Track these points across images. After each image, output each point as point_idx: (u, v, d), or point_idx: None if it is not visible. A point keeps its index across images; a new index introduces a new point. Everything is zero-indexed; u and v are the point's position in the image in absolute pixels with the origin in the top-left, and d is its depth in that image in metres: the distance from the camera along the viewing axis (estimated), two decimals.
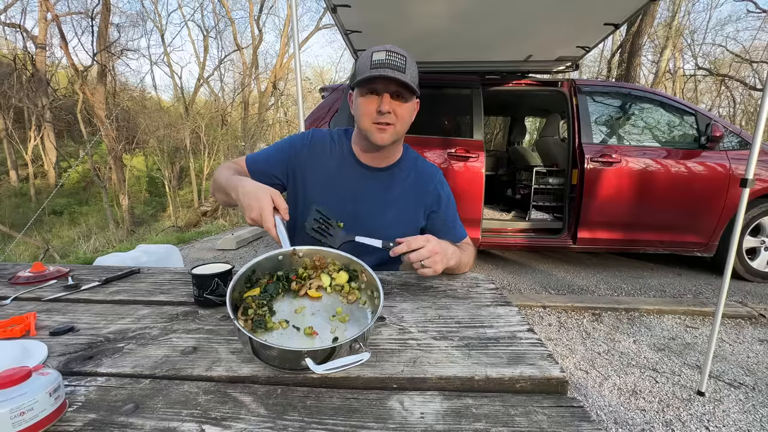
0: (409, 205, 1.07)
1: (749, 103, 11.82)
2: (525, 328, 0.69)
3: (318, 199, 1.06)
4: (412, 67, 0.94)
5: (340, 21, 2.58)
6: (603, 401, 1.63)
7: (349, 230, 0.89)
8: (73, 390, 0.52)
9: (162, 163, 12.05)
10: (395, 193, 1.07)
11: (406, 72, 0.91)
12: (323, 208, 0.88)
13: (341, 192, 1.05)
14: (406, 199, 1.07)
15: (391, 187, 1.07)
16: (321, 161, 1.07)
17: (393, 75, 0.89)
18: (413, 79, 0.94)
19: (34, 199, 12.05)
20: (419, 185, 1.08)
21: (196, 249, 4.51)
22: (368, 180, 1.06)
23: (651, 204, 2.95)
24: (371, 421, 0.46)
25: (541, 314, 2.48)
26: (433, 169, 1.13)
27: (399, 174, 1.08)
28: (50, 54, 12.15)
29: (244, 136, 13.46)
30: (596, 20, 2.55)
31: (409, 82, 0.91)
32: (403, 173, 1.08)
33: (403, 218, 1.07)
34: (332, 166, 1.06)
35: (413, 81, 0.93)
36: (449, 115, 3.41)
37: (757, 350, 2.04)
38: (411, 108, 0.99)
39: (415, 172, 1.09)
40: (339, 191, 1.05)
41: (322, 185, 1.06)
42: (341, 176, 1.06)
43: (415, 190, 1.08)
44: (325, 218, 0.87)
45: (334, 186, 1.05)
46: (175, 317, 0.74)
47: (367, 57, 0.93)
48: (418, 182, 1.08)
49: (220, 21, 15.68)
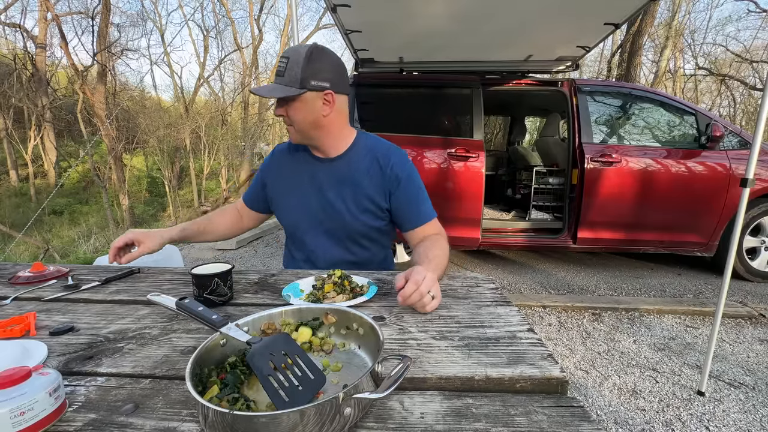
0: (368, 188, 1.09)
1: (749, 103, 11.83)
2: (525, 328, 0.69)
3: (289, 201, 1.14)
4: (293, 65, 0.94)
5: (340, 21, 2.58)
6: (603, 401, 1.63)
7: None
8: (73, 390, 0.52)
9: (162, 163, 12.06)
10: (352, 178, 1.09)
11: (285, 75, 0.95)
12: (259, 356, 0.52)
13: (306, 187, 1.11)
14: (364, 182, 1.09)
15: (347, 172, 1.09)
16: (284, 170, 1.16)
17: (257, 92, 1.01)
18: (291, 78, 0.94)
19: (34, 199, 12.05)
20: (375, 167, 1.09)
21: (196, 249, 4.51)
22: (326, 170, 1.10)
23: (651, 204, 2.94)
24: (371, 420, 0.46)
25: (541, 314, 2.48)
26: (390, 151, 1.12)
27: (353, 158, 1.10)
28: (50, 54, 12.17)
29: (244, 136, 13.46)
30: (596, 20, 2.54)
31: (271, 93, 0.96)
32: (357, 157, 1.10)
33: (366, 204, 1.09)
34: (293, 168, 1.14)
35: (292, 81, 0.94)
36: (449, 115, 3.41)
37: (757, 350, 2.04)
38: (302, 106, 0.98)
39: (370, 156, 1.10)
40: (304, 187, 1.12)
41: (289, 188, 1.14)
42: (301, 173, 1.12)
43: (371, 173, 1.09)
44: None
45: (299, 183, 1.12)
46: (175, 317, 0.74)
47: None
48: (374, 165, 1.09)
49: (220, 21, 15.72)
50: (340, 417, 0.43)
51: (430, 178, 2.90)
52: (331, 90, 0.98)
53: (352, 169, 1.09)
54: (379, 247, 1.18)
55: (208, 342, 0.54)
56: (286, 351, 0.51)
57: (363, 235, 1.12)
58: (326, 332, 0.65)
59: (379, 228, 1.12)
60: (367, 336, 0.61)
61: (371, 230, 1.12)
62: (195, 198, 12.13)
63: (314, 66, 0.95)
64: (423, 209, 1.10)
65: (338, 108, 1.02)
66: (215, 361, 0.54)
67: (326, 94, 0.98)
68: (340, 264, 1.08)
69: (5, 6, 11.49)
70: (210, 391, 0.49)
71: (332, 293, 0.81)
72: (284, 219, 1.17)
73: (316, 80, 0.95)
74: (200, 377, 0.51)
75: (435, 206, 1.14)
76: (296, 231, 1.16)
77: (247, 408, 0.48)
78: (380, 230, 1.13)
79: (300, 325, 0.64)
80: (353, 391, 0.43)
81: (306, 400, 0.46)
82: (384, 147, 1.12)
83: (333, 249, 1.13)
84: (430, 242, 1.03)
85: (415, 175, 1.12)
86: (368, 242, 1.14)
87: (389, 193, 1.09)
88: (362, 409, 0.46)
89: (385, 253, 1.21)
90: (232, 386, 0.51)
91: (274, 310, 0.64)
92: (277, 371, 0.48)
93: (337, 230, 1.11)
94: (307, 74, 0.94)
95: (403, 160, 1.11)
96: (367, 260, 1.15)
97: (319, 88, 0.96)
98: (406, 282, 0.74)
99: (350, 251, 1.14)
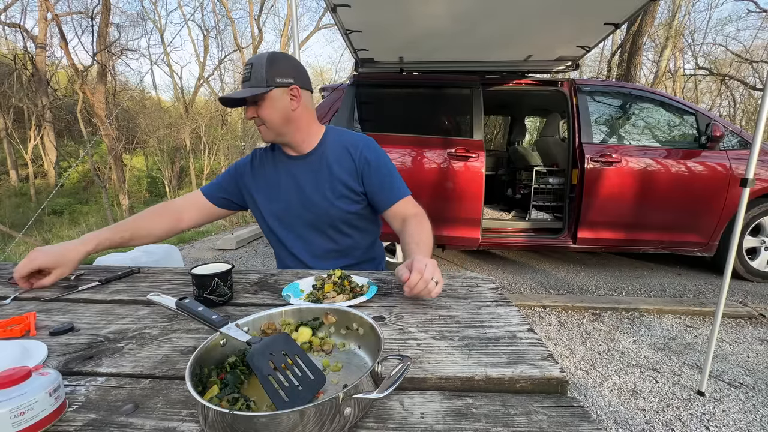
0: (341, 176, 1.13)
1: (749, 103, 11.82)
2: (525, 328, 0.69)
3: (269, 202, 1.16)
4: (257, 69, 1.01)
5: (340, 21, 2.58)
6: (603, 401, 1.63)
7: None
8: (73, 390, 0.52)
9: (162, 163, 12.05)
10: (327, 170, 1.13)
11: (251, 78, 1.01)
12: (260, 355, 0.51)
13: (284, 186, 1.15)
14: (336, 169, 1.13)
15: (322, 165, 1.14)
16: (262, 172, 1.18)
17: (227, 98, 1.03)
18: (257, 81, 1.01)
19: (34, 199, 12.04)
20: (345, 155, 1.14)
21: (196, 249, 4.51)
22: (301, 166, 1.15)
23: (651, 204, 2.94)
24: (371, 420, 0.46)
25: (541, 314, 2.48)
26: (359, 138, 1.18)
27: (325, 152, 1.15)
28: (50, 54, 12.15)
29: (244, 136, 13.46)
30: (596, 20, 2.54)
31: (241, 95, 1.00)
32: (328, 150, 1.15)
33: (341, 190, 1.13)
34: (270, 170, 1.17)
35: (258, 82, 1.01)
36: (449, 115, 3.41)
37: (757, 350, 2.04)
38: (271, 103, 1.04)
39: (340, 146, 1.15)
40: (283, 186, 1.15)
41: (267, 189, 1.17)
42: (279, 174, 1.16)
43: (342, 161, 1.14)
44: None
45: (278, 184, 1.15)
46: (175, 317, 0.74)
47: None
48: (344, 153, 1.14)
49: (220, 21, 15.72)
50: (340, 417, 0.42)
51: (430, 178, 2.90)
52: (295, 85, 1.05)
53: (323, 160, 1.14)
54: (361, 233, 1.20)
55: (208, 342, 0.54)
56: (286, 351, 0.51)
57: (343, 221, 1.15)
58: (326, 332, 0.65)
59: (357, 212, 1.16)
60: (367, 336, 0.61)
61: (350, 216, 1.15)
62: None
63: (277, 66, 1.02)
64: (396, 186, 1.15)
65: (304, 103, 1.09)
66: (215, 361, 0.54)
67: (292, 89, 1.05)
68: (326, 254, 1.15)
69: (5, 6, 11.50)
70: (210, 391, 0.49)
71: (332, 293, 0.81)
72: (266, 218, 1.18)
73: (281, 77, 1.02)
74: (200, 377, 0.50)
75: (435, 206, 1.15)
76: (279, 228, 1.18)
77: (247, 408, 0.48)
78: (359, 215, 1.17)
79: (300, 325, 0.64)
80: (353, 391, 0.43)
81: (306, 400, 0.46)
82: (352, 136, 1.18)
83: (316, 240, 1.16)
84: (413, 225, 1.07)
85: (384, 157, 1.17)
86: (349, 228, 1.17)
87: (361, 176, 1.14)
88: (362, 409, 0.46)
89: (371, 240, 1.24)
90: (232, 386, 0.51)
91: (274, 310, 0.64)
92: (277, 371, 0.48)
93: (316, 221, 1.14)
94: (271, 74, 1.01)
95: (370, 145, 1.16)
96: (351, 247, 1.19)
97: (284, 84, 1.03)
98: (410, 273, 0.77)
99: (333, 240, 1.17)
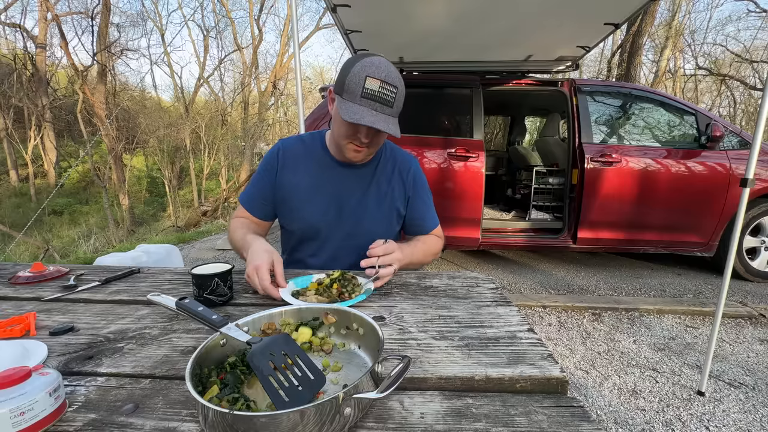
0: (392, 194, 1.10)
1: (749, 103, 11.83)
2: (525, 328, 0.69)
3: (302, 204, 1.07)
4: (401, 97, 0.91)
5: (340, 21, 2.58)
6: (603, 401, 1.63)
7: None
8: (73, 390, 0.52)
9: (162, 163, 12.05)
10: (379, 186, 1.09)
11: (393, 106, 0.89)
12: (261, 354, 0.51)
13: (325, 194, 1.07)
14: (390, 190, 1.10)
15: (374, 180, 1.09)
16: (298, 169, 1.08)
17: (376, 125, 0.86)
18: (398, 110, 0.92)
19: (34, 199, 12.04)
20: (399, 173, 1.11)
21: (196, 249, 4.51)
22: (351, 178, 1.08)
23: (651, 204, 2.94)
24: (371, 420, 0.46)
25: (541, 314, 2.48)
26: (410, 157, 1.16)
27: (380, 166, 1.10)
28: (50, 54, 12.14)
29: (244, 136, 13.47)
30: (596, 20, 2.54)
31: (389, 128, 0.88)
32: (382, 165, 1.11)
33: (387, 210, 1.10)
34: (311, 170, 1.08)
35: (397, 112, 0.92)
36: (449, 114, 3.41)
37: (757, 350, 2.04)
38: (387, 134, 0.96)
39: (392, 161, 1.12)
40: (323, 193, 1.07)
41: (306, 191, 1.07)
42: (322, 179, 1.07)
43: (395, 179, 1.11)
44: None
45: (318, 189, 1.07)
46: (175, 317, 0.74)
47: (360, 78, 0.87)
48: (397, 171, 1.11)
49: (220, 21, 15.70)
50: (340, 417, 0.42)
51: (430, 178, 2.87)
52: None
53: (377, 177, 1.10)
54: None
55: (208, 342, 0.54)
56: (286, 351, 0.51)
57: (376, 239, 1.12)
58: (326, 332, 0.65)
59: (396, 233, 1.15)
60: (367, 336, 0.61)
61: (390, 236, 1.09)
62: (195, 198, 12.12)
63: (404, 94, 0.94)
64: (430, 216, 1.15)
65: None
66: (215, 361, 0.54)
67: None
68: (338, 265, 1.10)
69: (5, 6, 11.49)
70: (210, 391, 0.49)
71: (310, 293, 0.82)
72: (301, 222, 1.09)
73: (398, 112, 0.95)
74: (200, 377, 0.50)
75: (435, 206, 1.17)
76: (316, 236, 1.09)
77: (247, 408, 0.48)
78: (396, 235, 1.16)
79: (300, 325, 0.64)
80: (353, 391, 0.43)
81: (306, 400, 0.46)
82: (402, 155, 1.15)
83: (353, 255, 1.06)
84: (425, 236, 1.10)
85: (426, 182, 1.17)
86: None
87: (408, 199, 1.12)
88: (362, 409, 0.46)
89: None
90: (232, 386, 0.51)
91: (274, 310, 0.64)
92: (277, 371, 0.48)
93: (357, 236, 1.07)
94: (403, 101, 0.93)
95: (418, 167, 1.15)
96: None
97: None
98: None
99: (358, 255, 1.11)
